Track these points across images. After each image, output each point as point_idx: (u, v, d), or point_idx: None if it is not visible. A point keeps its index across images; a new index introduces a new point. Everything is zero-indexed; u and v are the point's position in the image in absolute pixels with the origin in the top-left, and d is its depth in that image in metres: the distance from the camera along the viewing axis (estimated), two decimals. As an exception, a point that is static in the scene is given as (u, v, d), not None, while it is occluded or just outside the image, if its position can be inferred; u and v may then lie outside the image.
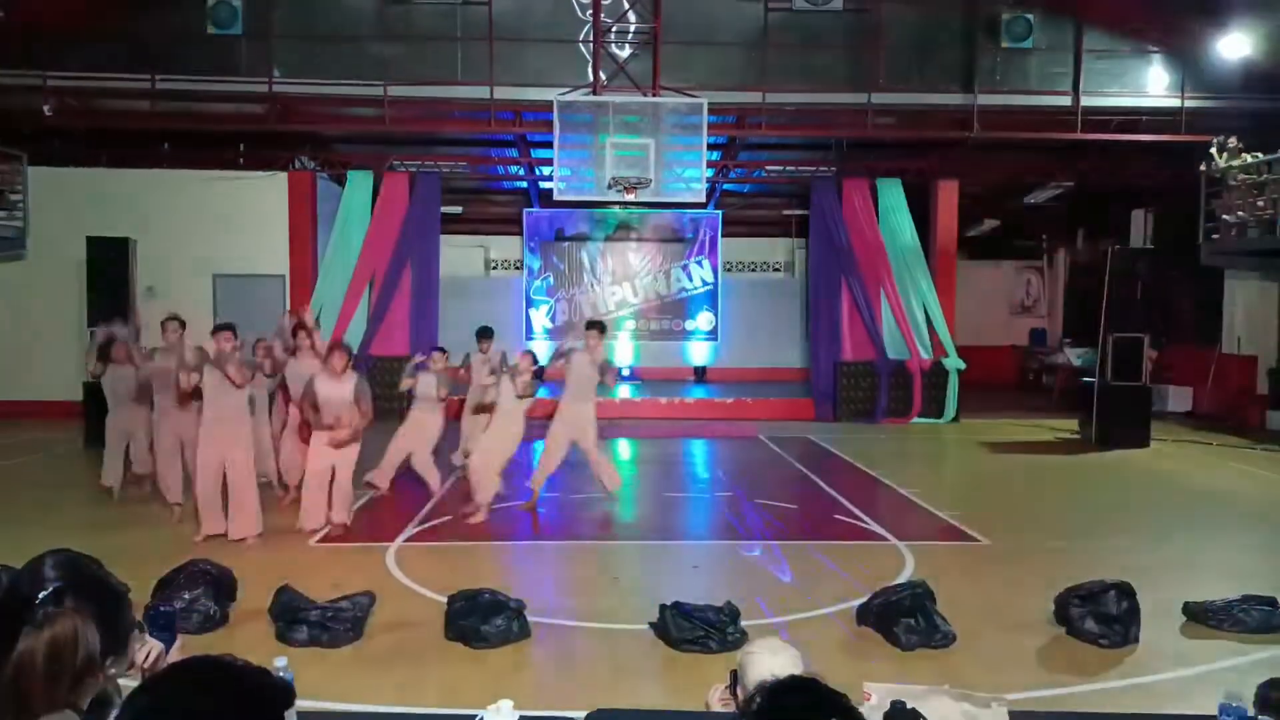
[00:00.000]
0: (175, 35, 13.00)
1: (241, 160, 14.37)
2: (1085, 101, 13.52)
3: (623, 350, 18.74)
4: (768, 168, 15.64)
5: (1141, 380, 11.80)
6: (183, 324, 7.53)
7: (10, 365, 13.41)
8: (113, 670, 1.49)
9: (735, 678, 2.29)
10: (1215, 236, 12.11)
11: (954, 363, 14.21)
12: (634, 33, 13.50)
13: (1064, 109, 13.61)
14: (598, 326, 8.10)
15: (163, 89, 12.87)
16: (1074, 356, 17.88)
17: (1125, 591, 4.83)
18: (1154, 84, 13.75)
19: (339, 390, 6.86)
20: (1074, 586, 4.96)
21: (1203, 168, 11.89)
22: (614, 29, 13.35)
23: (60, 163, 13.84)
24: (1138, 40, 13.66)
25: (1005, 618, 5.16)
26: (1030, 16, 13.32)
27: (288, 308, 7.55)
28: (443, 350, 8.63)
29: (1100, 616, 4.75)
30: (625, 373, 18.43)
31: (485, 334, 9.28)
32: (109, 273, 12.20)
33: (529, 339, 18.33)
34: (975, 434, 13.00)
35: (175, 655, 1.80)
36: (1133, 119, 13.71)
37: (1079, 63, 13.56)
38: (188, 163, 14.10)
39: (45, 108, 12.72)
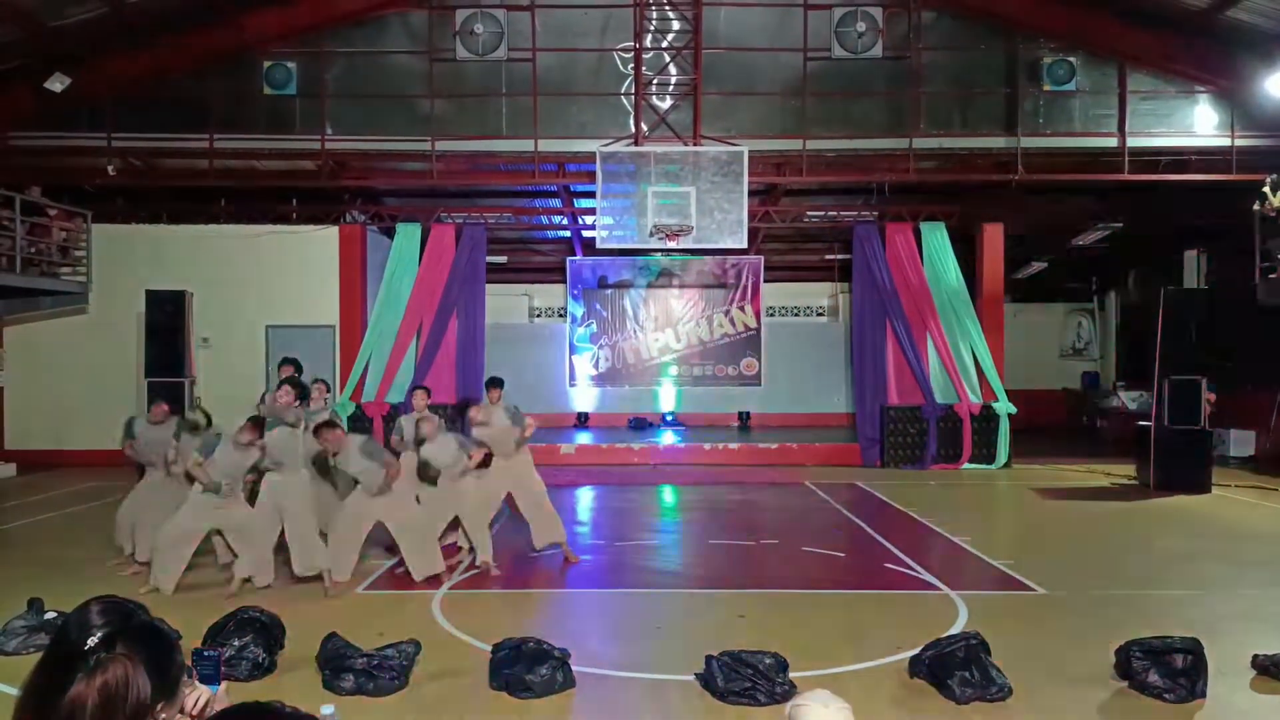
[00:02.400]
0: (232, 97, 13.56)
1: (295, 215, 14.82)
2: (1131, 142, 13.39)
3: (666, 397, 18.76)
4: (809, 213, 15.68)
5: (1200, 424, 11.47)
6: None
7: (71, 415, 13.85)
8: (163, 716, 1.48)
9: (783, 730, 2.24)
10: (1272, 276, 11.82)
11: (1004, 407, 13.95)
12: (675, 85, 13.71)
13: (1110, 150, 13.49)
14: (495, 385, 7.71)
15: (220, 148, 13.39)
16: (1128, 400, 17.48)
17: (1191, 648, 4.65)
18: (1202, 123, 13.58)
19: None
20: (1137, 640, 4.79)
21: (1256, 207, 11.67)
22: (655, 81, 13.58)
23: (123, 220, 14.46)
24: (1184, 81, 13.52)
25: (1064, 670, 4.99)
26: (1072, 60, 13.30)
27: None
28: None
29: (1165, 670, 4.57)
30: (669, 418, 18.46)
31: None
32: (166, 325, 12.60)
33: (572, 385, 18.47)
34: (1028, 480, 12.70)
35: (221, 699, 1.80)
36: (1181, 159, 13.53)
37: (1124, 104, 13.45)
38: (243, 218, 14.62)
39: (109, 167, 13.33)
